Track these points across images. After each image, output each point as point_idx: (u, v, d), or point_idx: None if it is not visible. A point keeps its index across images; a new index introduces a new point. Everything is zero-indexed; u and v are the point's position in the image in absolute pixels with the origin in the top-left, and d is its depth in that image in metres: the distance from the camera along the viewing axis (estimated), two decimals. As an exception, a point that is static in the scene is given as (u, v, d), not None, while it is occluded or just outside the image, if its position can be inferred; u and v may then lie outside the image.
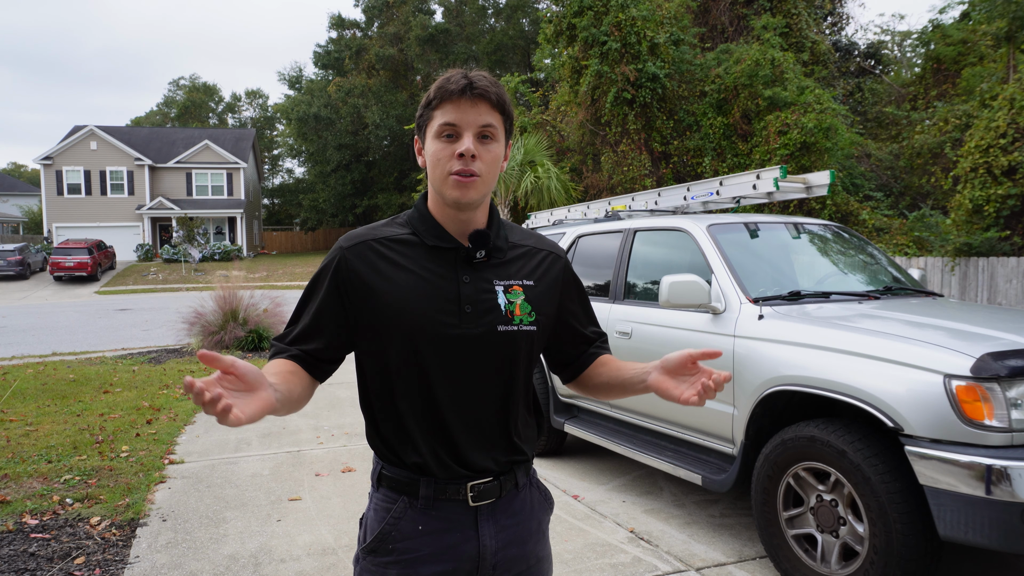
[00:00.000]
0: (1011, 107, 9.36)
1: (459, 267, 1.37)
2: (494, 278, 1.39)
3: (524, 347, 1.40)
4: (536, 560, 1.46)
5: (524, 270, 1.44)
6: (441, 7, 45.38)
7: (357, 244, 1.38)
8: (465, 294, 1.35)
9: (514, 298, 1.39)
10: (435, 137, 1.34)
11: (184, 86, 64.49)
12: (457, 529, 1.37)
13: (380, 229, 1.42)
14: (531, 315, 1.40)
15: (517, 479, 1.44)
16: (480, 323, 1.35)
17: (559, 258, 1.52)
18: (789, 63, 14.78)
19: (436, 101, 1.34)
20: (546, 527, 1.52)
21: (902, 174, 16.20)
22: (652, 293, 4.30)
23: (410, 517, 1.37)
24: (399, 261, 1.37)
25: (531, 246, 1.49)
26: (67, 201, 37.45)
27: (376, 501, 1.43)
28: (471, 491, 1.37)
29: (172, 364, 9.58)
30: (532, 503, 1.47)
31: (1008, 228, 9.41)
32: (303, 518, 4.01)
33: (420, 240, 1.39)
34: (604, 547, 3.58)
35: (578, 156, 17.23)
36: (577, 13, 15.93)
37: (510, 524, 1.42)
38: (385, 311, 1.33)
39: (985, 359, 2.59)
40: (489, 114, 1.33)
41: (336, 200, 44.71)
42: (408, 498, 1.38)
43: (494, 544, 1.39)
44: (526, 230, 1.55)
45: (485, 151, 1.34)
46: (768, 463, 3.17)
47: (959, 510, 2.52)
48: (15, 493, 4.35)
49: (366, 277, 1.35)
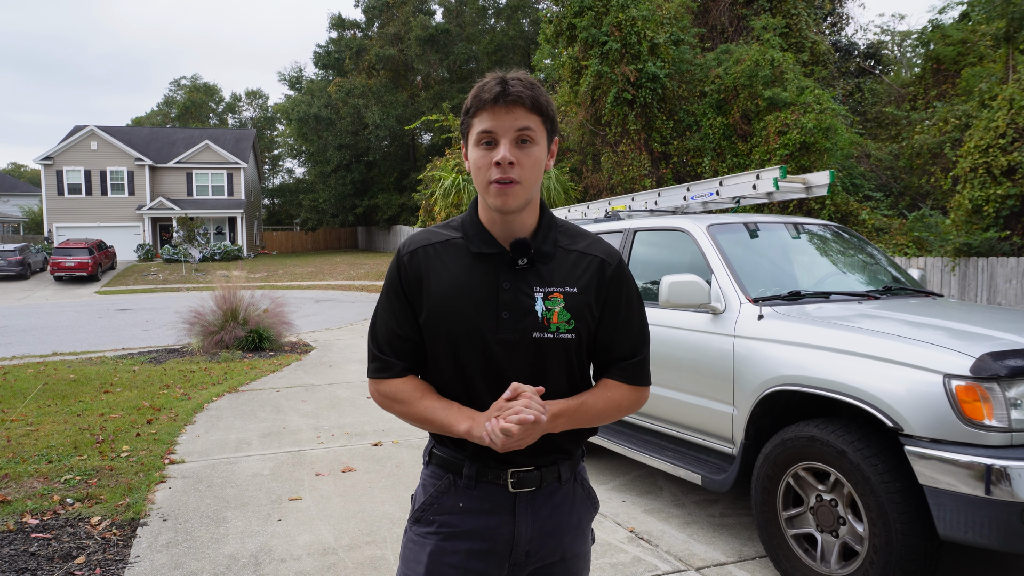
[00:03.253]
0: (1010, 107, 9.36)
1: (501, 272, 1.40)
2: (536, 284, 1.41)
3: (558, 354, 1.41)
4: (572, 555, 1.50)
5: (569, 277, 1.43)
6: (441, 7, 45.39)
7: (414, 249, 1.45)
8: (504, 300, 1.39)
9: (553, 305, 1.40)
10: (475, 145, 1.37)
11: (185, 86, 64.53)
12: (495, 512, 1.43)
13: (435, 233, 1.47)
14: (570, 323, 1.40)
15: (560, 473, 1.48)
16: (516, 329, 1.38)
17: (608, 264, 1.46)
18: (789, 63, 14.78)
19: (473, 109, 1.36)
20: (587, 526, 1.55)
21: (902, 174, 16.20)
22: (652, 293, 4.30)
23: (452, 494, 1.46)
24: (446, 265, 1.42)
25: (580, 250, 1.46)
26: (67, 201, 37.46)
27: (425, 476, 1.53)
28: (511, 477, 1.43)
29: (172, 364, 9.59)
30: (574, 499, 1.51)
31: (1008, 228, 9.41)
32: (303, 518, 4.02)
33: (466, 245, 1.43)
34: (604, 547, 3.59)
35: (578, 156, 17.24)
36: (577, 13, 15.93)
37: (548, 515, 1.46)
38: (432, 313, 1.40)
39: (985, 359, 2.60)
40: (526, 118, 1.34)
41: (336, 200, 44.73)
42: (453, 476, 1.46)
43: (529, 532, 1.44)
44: (582, 232, 1.52)
45: (524, 156, 1.35)
46: (768, 463, 3.18)
47: (959, 510, 2.53)
48: (16, 493, 4.35)
49: (419, 280, 1.42)
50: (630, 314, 1.49)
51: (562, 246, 1.46)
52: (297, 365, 9.43)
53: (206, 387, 7.90)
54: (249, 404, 7.07)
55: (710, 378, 3.63)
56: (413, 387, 1.45)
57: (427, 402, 1.42)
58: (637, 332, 1.50)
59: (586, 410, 1.44)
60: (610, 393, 1.47)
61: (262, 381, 8.33)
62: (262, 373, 8.82)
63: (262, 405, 7.02)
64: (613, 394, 1.47)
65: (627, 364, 1.49)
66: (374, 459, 5.15)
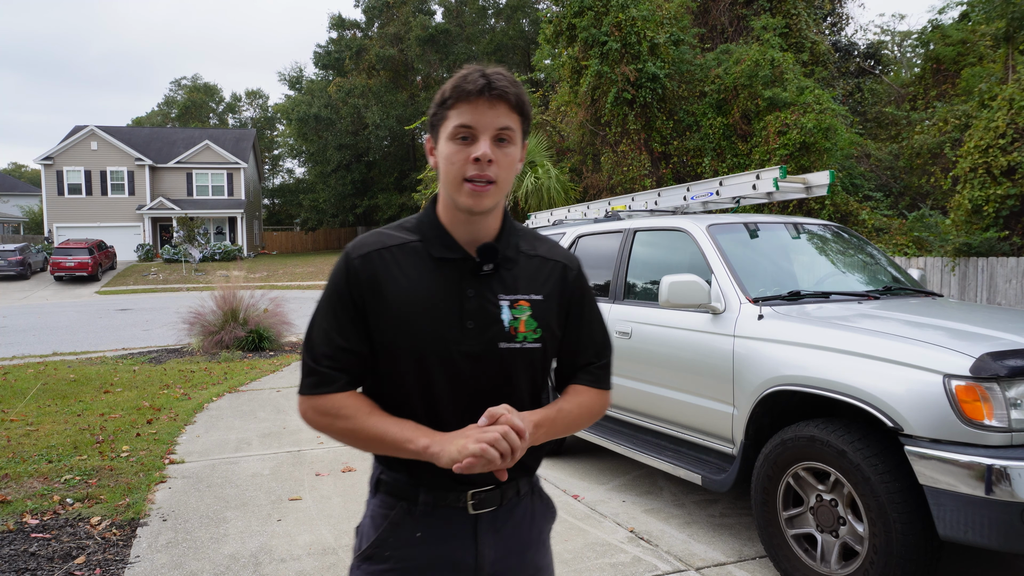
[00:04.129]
0: (1010, 107, 9.35)
1: (464, 280, 1.32)
2: (500, 291, 1.33)
3: (525, 365, 1.35)
4: (535, 570, 1.42)
5: (534, 283, 1.37)
6: (441, 7, 45.42)
7: (367, 253, 1.33)
8: (468, 309, 1.30)
9: (519, 314, 1.33)
10: (450, 139, 1.28)
11: (185, 86, 64.54)
12: (456, 537, 1.33)
13: (388, 235, 1.36)
14: (536, 332, 1.34)
15: (519, 487, 1.40)
16: (481, 340, 1.30)
17: (570, 269, 1.43)
18: (789, 63, 14.77)
19: (452, 100, 1.27)
20: (547, 536, 1.48)
21: (902, 174, 16.20)
22: (652, 293, 4.30)
23: (408, 524, 1.34)
24: (404, 271, 1.31)
25: (542, 255, 1.41)
26: (68, 201, 37.46)
27: (373, 507, 1.39)
28: (472, 499, 1.34)
29: (173, 364, 9.59)
30: (533, 512, 1.44)
31: (1007, 228, 9.40)
32: (303, 518, 4.02)
33: (426, 249, 1.33)
34: (604, 547, 3.59)
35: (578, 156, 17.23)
36: (577, 13, 15.92)
37: (510, 533, 1.38)
38: (390, 323, 1.30)
39: (985, 359, 2.60)
40: (507, 116, 1.27)
41: (336, 200, 44.75)
42: (407, 504, 1.34)
43: (493, 554, 1.35)
44: (539, 236, 1.47)
45: (502, 155, 1.28)
46: (768, 463, 3.18)
47: (959, 510, 2.53)
48: (16, 493, 4.35)
49: (374, 287, 1.30)
50: (593, 319, 1.46)
51: (524, 251, 1.39)
52: (297, 365, 9.43)
53: (206, 387, 7.90)
54: (249, 404, 7.07)
55: (710, 378, 3.63)
56: (359, 402, 1.32)
57: (376, 418, 1.29)
58: (601, 336, 1.48)
59: (563, 418, 1.38)
60: (581, 399, 1.43)
61: (262, 381, 8.33)
62: (262, 373, 8.82)
63: (262, 405, 7.02)
64: (584, 399, 1.43)
65: (594, 368, 1.46)
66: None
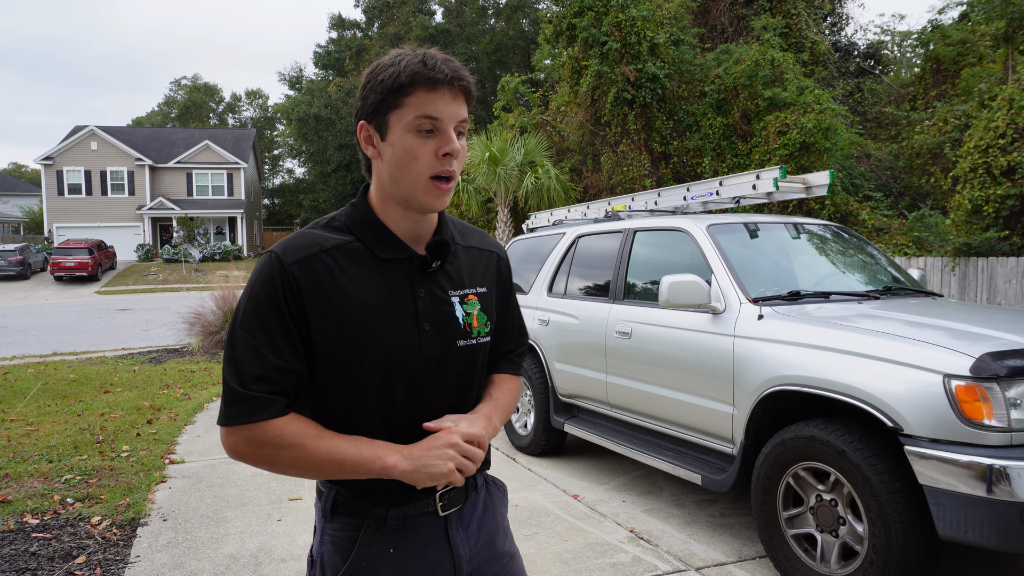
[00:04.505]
0: (1010, 107, 9.36)
1: (414, 279, 1.25)
2: (449, 288, 1.28)
3: (479, 360, 1.33)
4: (509, 557, 1.40)
5: (476, 275, 1.34)
6: (441, 7, 45.42)
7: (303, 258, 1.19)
8: (423, 310, 1.24)
9: (471, 308, 1.30)
10: (409, 131, 1.16)
11: (185, 86, 64.54)
12: (430, 545, 1.28)
13: (320, 236, 1.23)
14: (487, 325, 1.32)
15: (476, 479, 1.37)
16: (440, 340, 1.25)
17: (502, 259, 1.42)
18: (789, 63, 14.78)
19: (411, 87, 1.15)
20: (507, 522, 1.45)
21: (901, 174, 16.20)
22: (652, 293, 4.30)
23: (380, 542, 1.24)
24: (350, 277, 1.20)
25: (476, 246, 1.38)
26: (68, 201, 37.46)
27: (333, 532, 1.26)
28: (440, 500, 1.29)
29: (173, 364, 9.59)
30: (493, 500, 1.42)
31: (1007, 228, 9.41)
32: (303, 518, 4.02)
33: (368, 250, 1.23)
34: (604, 547, 3.59)
35: (578, 156, 17.24)
36: (577, 13, 15.93)
37: (477, 527, 1.35)
38: (341, 335, 1.18)
39: (984, 359, 2.60)
40: (464, 108, 1.20)
41: (336, 200, 44.78)
42: (374, 521, 1.25)
43: (468, 551, 1.32)
44: (467, 225, 1.42)
45: (461, 149, 1.21)
46: (768, 463, 3.18)
47: (959, 510, 2.53)
48: (16, 493, 4.36)
49: (316, 295, 1.18)
50: (516, 307, 1.47)
51: (459, 243, 1.34)
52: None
53: (206, 387, 7.90)
54: (249, 404, 7.06)
55: (710, 378, 3.63)
56: (304, 426, 1.17)
57: (328, 441, 1.16)
58: (521, 324, 1.49)
59: (502, 408, 1.36)
60: (508, 386, 1.42)
61: (262, 381, 8.32)
62: (262, 373, 8.80)
63: (262, 405, 7.01)
64: (511, 386, 1.43)
65: (515, 356, 1.47)
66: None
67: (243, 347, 1.16)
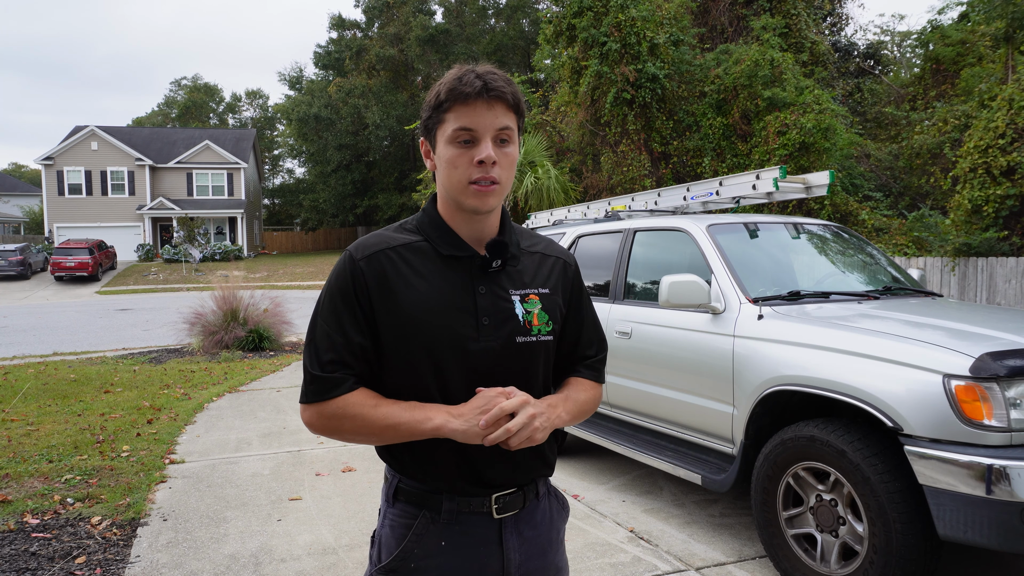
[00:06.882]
0: (1010, 107, 9.36)
1: (475, 277, 1.33)
2: (510, 287, 1.35)
3: (542, 357, 1.37)
4: (556, 570, 1.44)
5: (539, 278, 1.40)
6: (441, 7, 45.41)
7: (372, 254, 1.31)
8: (482, 305, 1.31)
9: (531, 307, 1.35)
10: (450, 142, 1.27)
11: (185, 86, 64.54)
12: (482, 544, 1.33)
13: (390, 236, 1.35)
14: (548, 324, 1.37)
15: (538, 488, 1.41)
16: (498, 335, 1.31)
17: (569, 265, 1.47)
18: (788, 64, 14.78)
19: (448, 103, 1.26)
20: (563, 536, 1.50)
21: (901, 174, 16.20)
22: (652, 293, 4.30)
23: (433, 533, 1.31)
24: (415, 271, 1.31)
25: (542, 252, 1.45)
26: (68, 201, 37.46)
27: (392, 517, 1.35)
28: (496, 503, 1.33)
29: (173, 364, 9.59)
30: (551, 512, 1.45)
31: (1007, 228, 9.41)
32: (303, 518, 4.02)
33: (433, 248, 1.33)
34: (604, 546, 3.59)
35: (578, 156, 17.23)
36: (577, 14, 15.92)
37: (532, 535, 1.39)
38: (403, 324, 1.28)
39: (984, 359, 2.60)
40: (506, 116, 1.27)
41: (336, 200, 44.75)
42: (429, 512, 1.32)
43: (518, 557, 1.36)
44: (535, 234, 1.50)
45: (503, 155, 1.28)
46: (768, 463, 3.18)
47: (958, 510, 2.53)
48: (16, 492, 4.36)
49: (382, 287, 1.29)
50: (592, 314, 1.51)
51: (524, 248, 1.42)
52: (297, 365, 9.42)
53: (206, 387, 7.90)
54: (249, 404, 7.07)
55: (710, 378, 3.63)
56: (364, 397, 1.29)
57: (384, 408, 1.27)
58: (599, 331, 1.53)
59: (572, 402, 1.40)
60: (584, 387, 1.46)
61: (262, 381, 8.33)
62: (262, 373, 8.82)
63: (262, 405, 7.02)
64: (586, 387, 1.47)
65: (593, 362, 1.50)
66: (374, 459, 5.15)
67: (320, 333, 1.30)
